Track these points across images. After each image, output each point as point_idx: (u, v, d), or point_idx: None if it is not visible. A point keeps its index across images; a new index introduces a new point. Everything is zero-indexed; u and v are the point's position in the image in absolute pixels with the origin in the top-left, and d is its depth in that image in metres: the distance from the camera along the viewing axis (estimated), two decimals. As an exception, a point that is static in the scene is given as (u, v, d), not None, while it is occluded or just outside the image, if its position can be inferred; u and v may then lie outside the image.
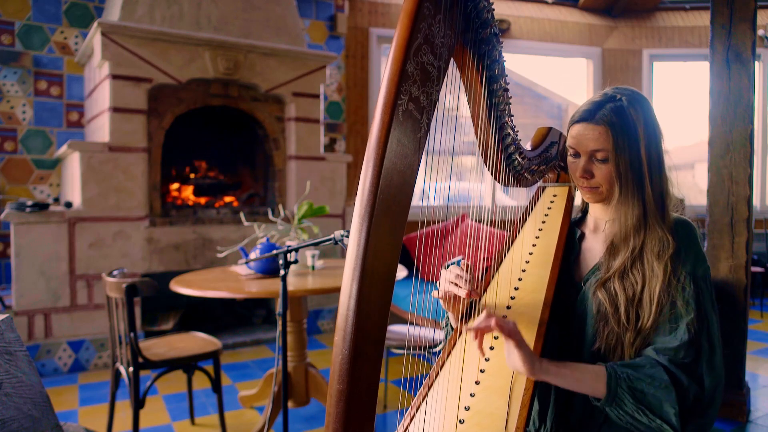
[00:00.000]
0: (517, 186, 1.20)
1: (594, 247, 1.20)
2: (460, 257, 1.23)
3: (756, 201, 6.02)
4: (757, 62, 4.56)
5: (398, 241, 0.76)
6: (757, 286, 5.31)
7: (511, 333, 0.94)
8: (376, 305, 0.74)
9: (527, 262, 1.22)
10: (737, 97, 2.71)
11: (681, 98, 6.72)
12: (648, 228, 1.07)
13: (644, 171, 1.07)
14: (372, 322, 0.74)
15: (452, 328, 1.27)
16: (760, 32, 5.83)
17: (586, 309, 1.12)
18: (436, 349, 2.50)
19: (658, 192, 1.08)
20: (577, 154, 1.13)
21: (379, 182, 0.72)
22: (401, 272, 2.63)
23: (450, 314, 1.25)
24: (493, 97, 1.03)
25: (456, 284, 1.10)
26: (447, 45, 0.81)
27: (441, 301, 1.18)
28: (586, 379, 0.99)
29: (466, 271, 1.12)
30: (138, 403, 2.23)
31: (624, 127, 1.07)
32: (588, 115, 1.10)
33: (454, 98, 1.02)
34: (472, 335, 0.96)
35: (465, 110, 1.04)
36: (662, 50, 6.01)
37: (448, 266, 1.21)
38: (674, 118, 6.95)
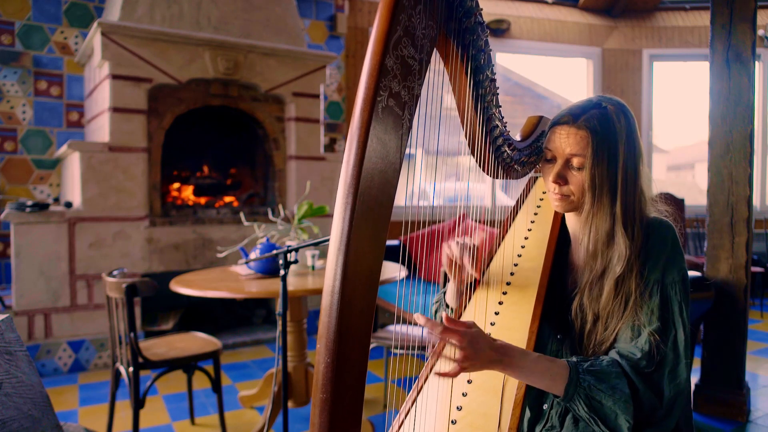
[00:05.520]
0: (506, 178, 1.17)
1: (577, 262, 1.18)
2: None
3: (756, 201, 6.01)
4: (757, 62, 4.55)
5: (381, 243, 0.74)
6: (757, 286, 5.31)
7: (461, 360, 0.89)
8: (359, 310, 0.72)
9: (519, 255, 1.21)
10: (737, 97, 2.71)
11: (681, 98, 6.72)
12: (614, 244, 1.05)
13: (618, 185, 1.04)
14: (355, 328, 0.72)
15: (447, 306, 1.27)
16: (760, 32, 5.83)
17: (574, 329, 1.12)
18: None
19: (631, 208, 1.05)
20: (553, 159, 1.10)
21: (360, 184, 0.69)
22: (401, 272, 2.63)
23: (448, 289, 1.25)
24: (480, 88, 0.99)
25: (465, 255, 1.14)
26: (429, 36, 0.78)
27: (446, 267, 1.20)
28: (544, 379, 0.97)
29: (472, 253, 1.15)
30: (138, 403, 2.23)
31: (606, 136, 1.04)
32: (571, 118, 1.06)
33: (453, 98, 1.01)
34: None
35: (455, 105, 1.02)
36: (662, 50, 6.01)
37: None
38: (674, 118, 6.95)
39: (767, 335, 4.35)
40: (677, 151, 8.70)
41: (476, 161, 1.08)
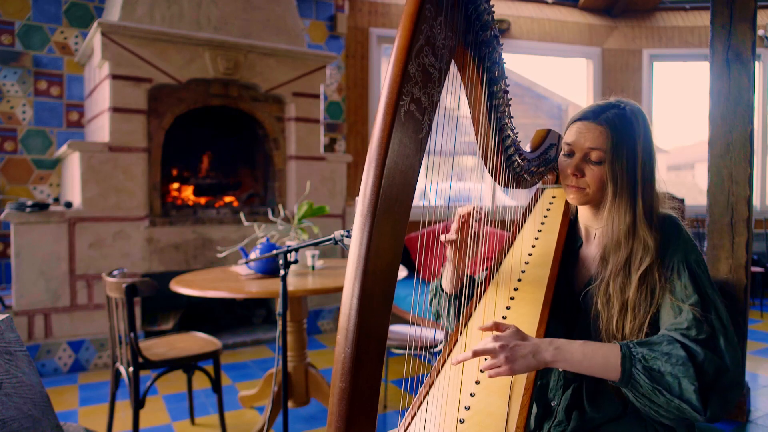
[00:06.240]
0: (516, 187, 1.21)
1: (588, 257, 1.21)
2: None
3: (756, 201, 6.01)
4: (757, 62, 4.56)
5: (400, 240, 0.77)
6: (757, 286, 5.31)
7: (502, 369, 0.94)
8: (378, 304, 0.75)
9: (527, 263, 1.23)
10: (737, 97, 2.71)
11: (681, 98, 6.71)
12: (636, 236, 1.08)
13: (638, 181, 1.08)
14: (374, 320, 0.75)
15: (443, 291, 1.30)
16: (760, 32, 5.83)
17: (588, 321, 1.13)
18: (437, 350, 2.50)
19: (649, 204, 1.09)
20: (571, 153, 1.14)
21: (382, 182, 0.73)
22: (401, 272, 2.63)
23: (444, 275, 1.28)
24: (494, 99, 1.04)
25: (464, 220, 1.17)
26: (448, 47, 0.82)
27: (448, 246, 1.22)
28: (597, 360, 0.98)
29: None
30: (138, 403, 2.23)
31: (624, 133, 1.09)
32: (591, 115, 1.12)
33: (455, 98, 1.02)
34: (465, 355, 0.96)
35: (465, 110, 1.05)
36: (662, 50, 6.01)
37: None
38: (674, 118, 6.95)
39: (767, 335, 4.35)
40: (677, 151, 8.69)
41: (488, 170, 1.12)
